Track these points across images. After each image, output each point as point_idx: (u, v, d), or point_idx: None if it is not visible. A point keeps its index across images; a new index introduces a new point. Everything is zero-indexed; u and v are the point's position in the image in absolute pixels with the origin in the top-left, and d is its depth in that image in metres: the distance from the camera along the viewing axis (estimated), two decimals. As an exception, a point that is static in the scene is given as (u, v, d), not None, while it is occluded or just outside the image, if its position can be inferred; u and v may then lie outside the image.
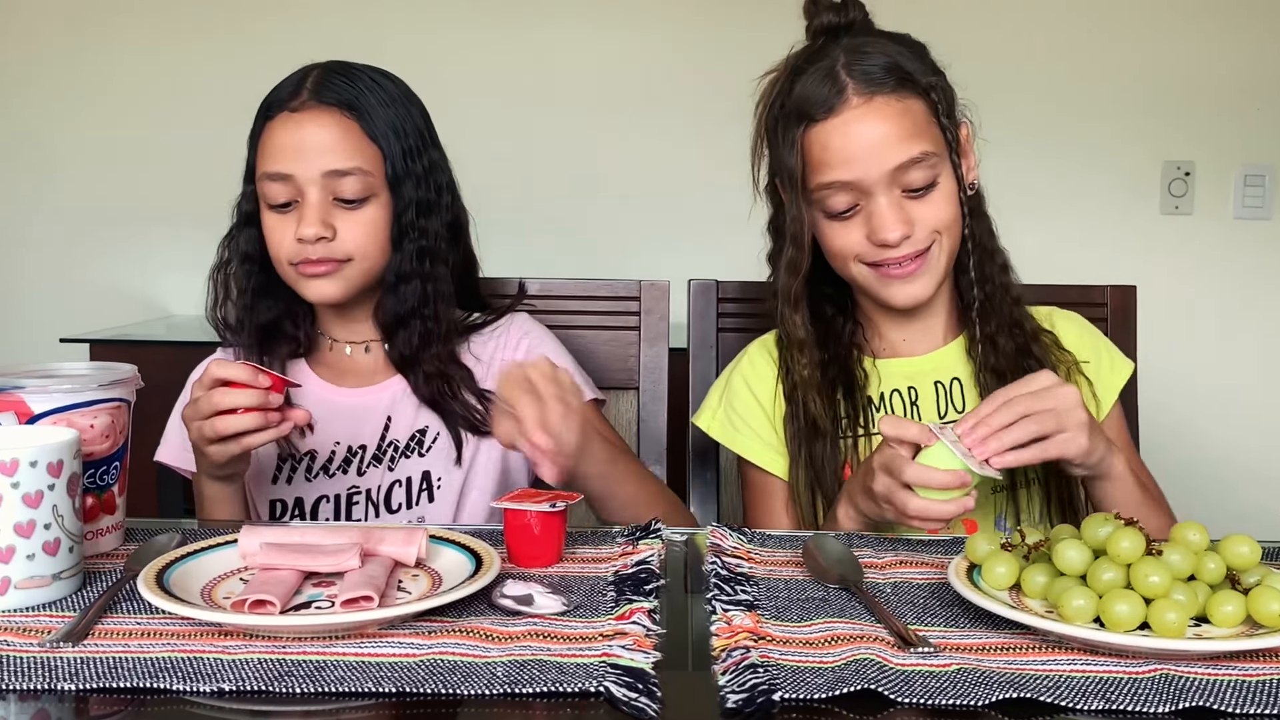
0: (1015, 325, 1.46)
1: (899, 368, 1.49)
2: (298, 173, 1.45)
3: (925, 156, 1.35)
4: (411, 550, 1.05)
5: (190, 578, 1.03)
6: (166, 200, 3.29)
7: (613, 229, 3.24)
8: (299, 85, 1.49)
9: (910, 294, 1.41)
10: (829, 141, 1.36)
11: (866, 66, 1.36)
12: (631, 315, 1.77)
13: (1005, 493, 1.42)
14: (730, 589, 1.05)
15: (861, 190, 1.36)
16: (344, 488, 1.52)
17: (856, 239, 1.39)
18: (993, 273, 1.46)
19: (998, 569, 1.01)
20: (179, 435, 1.54)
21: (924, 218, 1.37)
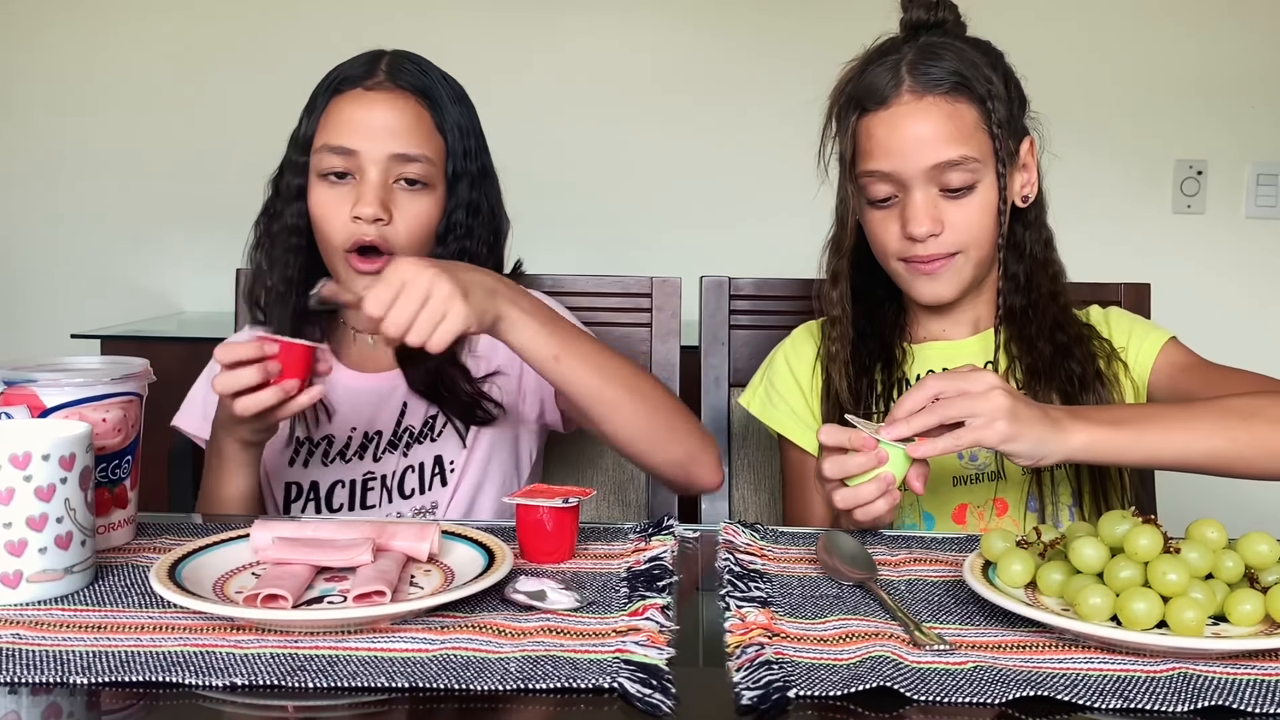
0: (1058, 328, 1.47)
1: (935, 350, 1.51)
2: (364, 150, 1.44)
3: (965, 160, 1.38)
4: (424, 545, 1.05)
5: (202, 572, 1.02)
6: (178, 196, 3.29)
7: (626, 224, 3.24)
8: (372, 65, 1.48)
9: (934, 292, 1.44)
10: (875, 131, 1.40)
11: (928, 66, 1.39)
12: (643, 312, 1.76)
13: (1031, 474, 1.43)
14: (744, 585, 1.04)
15: (900, 183, 1.39)
16: (359, 473, 1.52)
17: (894, 233, 1.42)
18: (1041, 282, 1.48)
19: (1014, 566, 1.00)
20: (201, 406, 1.55)
21: (955, 222, 1.40)
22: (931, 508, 1.45)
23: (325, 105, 1.48)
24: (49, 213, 3.32)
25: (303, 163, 1.48)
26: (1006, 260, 1.47)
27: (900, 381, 1.49)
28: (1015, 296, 1.48)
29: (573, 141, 3.23)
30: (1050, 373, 1.44)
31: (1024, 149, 1.46)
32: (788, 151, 3.17)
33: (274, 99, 3.22)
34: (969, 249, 1.42)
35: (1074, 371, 1.45)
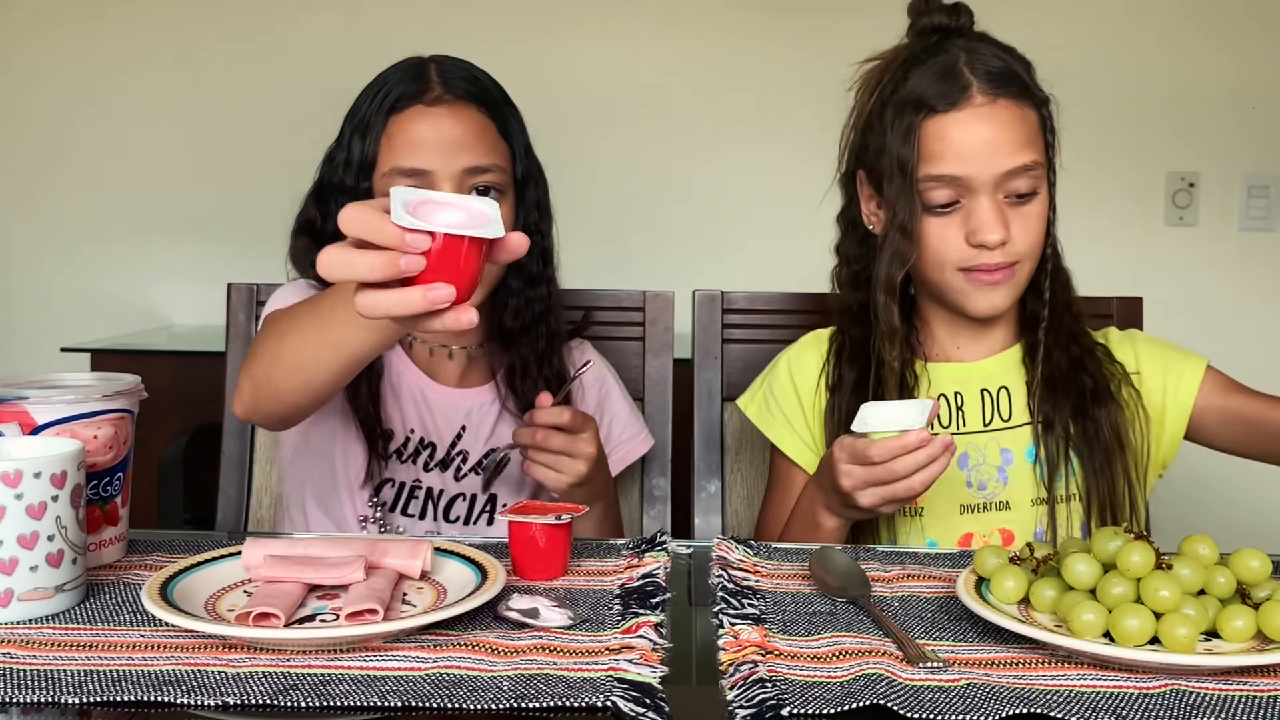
0: (1072, 340, 1.46)
1: (948, 372, 1.49)
2: (437, 169, 1.40)
3: (1034, 166, 1.36)
4: (416, 563, 1.04)
5: (194, 590, 1.02)
6: (168, 209, 3.29)
7: (619, 238, 3.24)
8: (423, 77, 1.44)
9: (992, 303, 1.41)
10: (947, 134, 1.36)
11: (990, 68, 1.36)
12: (636, 325, 1.76)
13: (1045, 506, 1.42)
14: (737, 602, 1.04)
15: (966, 188, 1.36)
16: (409, 478, 1.50)
17: (955, 242, 1.38)
18: (1055, 290, 1.46)
19: (1006, 583, 1.00)
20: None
21: (1018, 230, 1.37)
22: (936, 535, 1.43)
23: (384, 125, 1.43)
24: (38, 225, 3.32)
25: (366, 188, 1.43)
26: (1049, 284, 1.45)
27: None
28: (1034, 305, 1.46)
29: (567, 155, 3.22)
30: (1066, 386, 1.43)
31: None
32: (782, 167, 3.23)
33: (265, 113, 3.24)
34: (1027, 259, 1.39)
35: (1086, 385, 1.43)
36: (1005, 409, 1.46)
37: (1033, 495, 1.43)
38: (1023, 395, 1.46)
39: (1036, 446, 1.43)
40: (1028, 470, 1.43)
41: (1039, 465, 1.43)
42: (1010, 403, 1.46)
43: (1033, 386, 1.44)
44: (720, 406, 1.73)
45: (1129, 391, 1.46)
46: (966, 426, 1.46)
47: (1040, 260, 1.43)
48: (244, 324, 1.74)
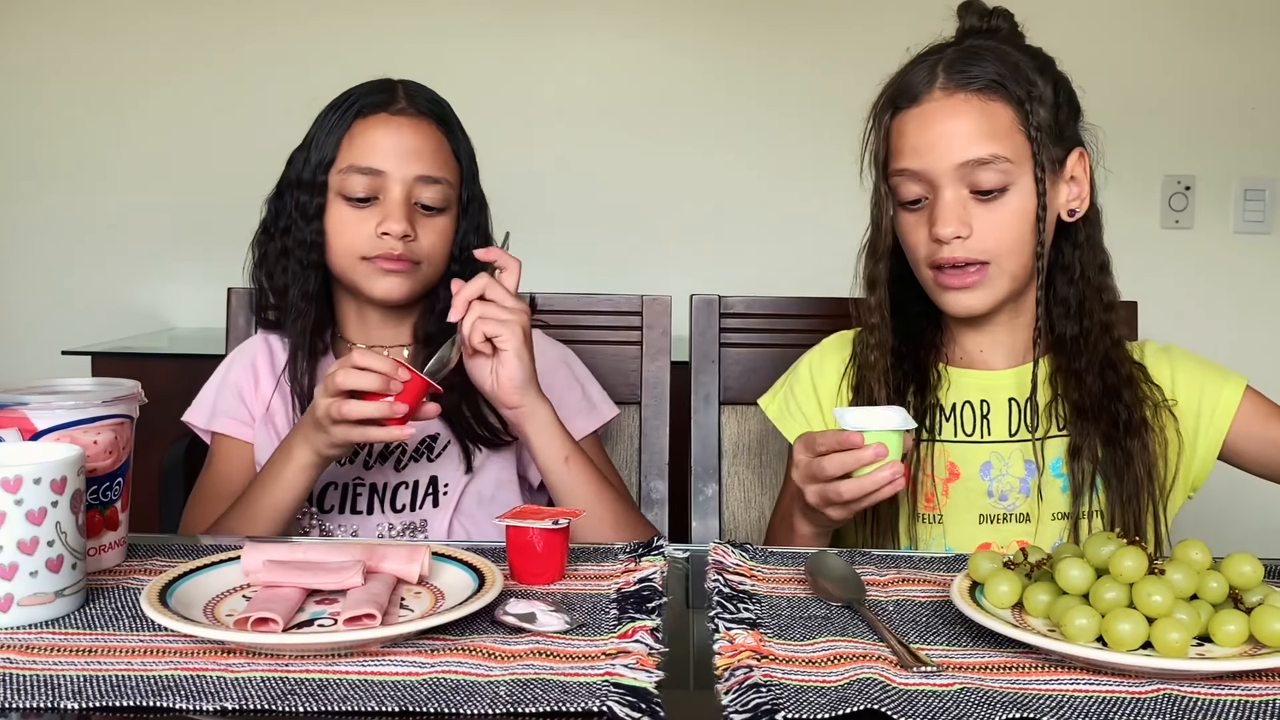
0: (1109, 366, 1.43)
1: (973, 379, 1.48)
2: (391, 170, 1.49)
3: (995, 159, 1.35)
4: (414, 568, 1.05)
5: (193, 594, 1.03)
6: (170, 212, 3.29)
7: (617, 242, 3.25)
8: (389, 91, 1.53)
9: (963, 304, 1.40)
10: (906, 128, 1.38)
11: (965, 65, 1.37)
12: (633, 330, 1.77)
13: (1068, 521, 1.40)
14: (733, 607, 1.05)
15: (930, 182, 1.37)
16: (349, 478, 1.53)
17: (922, 236, 1.39)
18: (1094, 309, 1.44)
19: (1000, 587, 1.01)
20: (212, 403, 1.59)
21: (984, 226, 1.36)
22: (955, 543, 1.42)
23: (348, 128, 1.51)
24: (40, 227, 3.32)
25: (321, 182, 1.51)
26: (1055, 282, 1.43)
27: (935, 407, 1.45)
28: (1066, 323, 1.43)
29: (566, 158, 3.24)
30: (1097, 414, 1.40)
31: (1072, 160, 1.42)
32: (780, 171, 3.23)
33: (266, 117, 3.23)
34: (1001, 258, 1.37)
35: (1119, 415, 1.40)
36: (1031, 420, 1.45)
37: (1054, 510, 1.41)
38: (1049, 411, 1.44)
39: (1060, 462, 1.42)
40: (1051, 485, 1.42)
41: (1063, 481, 1.41)
42: (1037, 415, 1.44)
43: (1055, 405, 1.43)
44: (717, 410, 1.74)
45: (1165, 415, 1.43)
46: (991, 435, 1.45)
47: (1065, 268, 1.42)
48: (244, 328, 1.75)
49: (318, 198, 1.51)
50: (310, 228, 1.51)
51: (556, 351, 1.64)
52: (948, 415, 1.46)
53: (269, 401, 1.56)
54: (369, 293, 1.52)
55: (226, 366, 1.62)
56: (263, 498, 1.41)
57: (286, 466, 1.39)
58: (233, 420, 1.57)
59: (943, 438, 1.45)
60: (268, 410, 1.56)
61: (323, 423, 1.32)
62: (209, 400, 1.60)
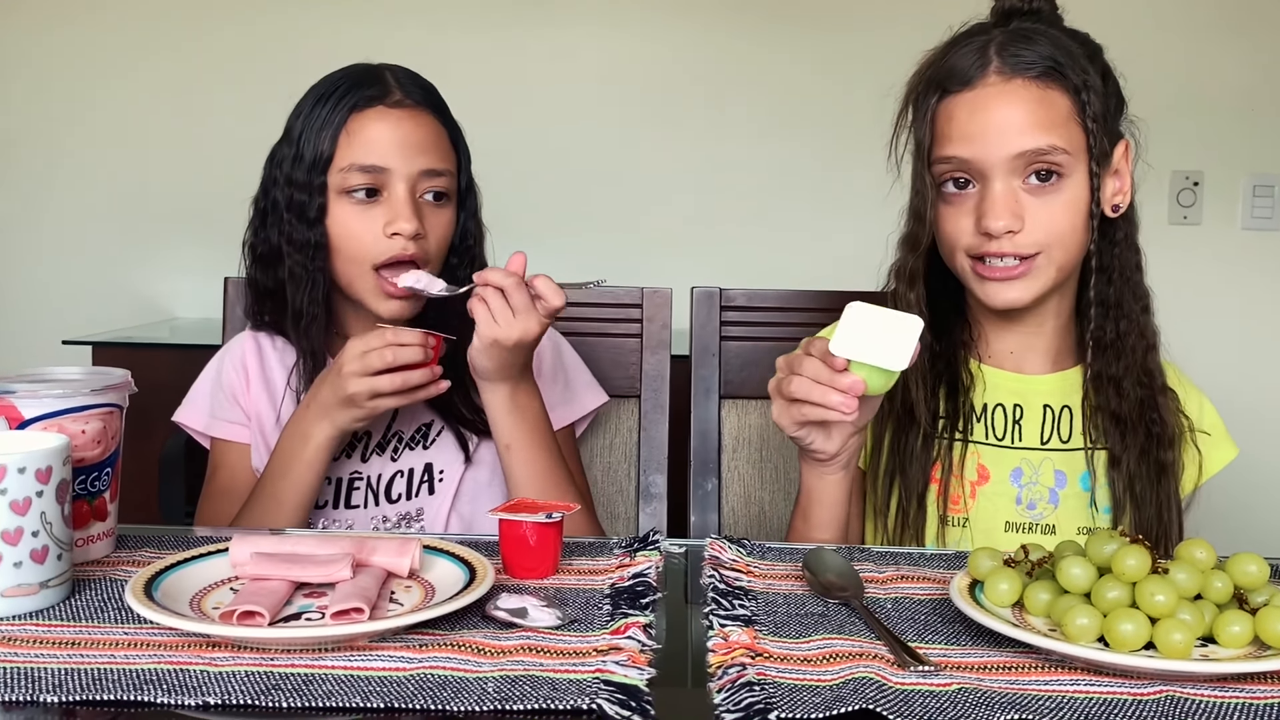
0: (1146, 373, 1.39)
1: (1008, 382, 1.43)
2: (396, 167, 1.44)
3: (1053, 150, 1.29)
4: (405, 561, 1.03)
5: (180, 586, 1.01)
6: (172, 201, 3.28)
7: (619, 234, 3.23)
8: (382, 81, 1.48)
9: (1005, 297, 1.34)
10: (956, 114, 1.32)
11: (1019, 49, 1.31)
12: (633, 322, 1.75)
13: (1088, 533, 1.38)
14: (728, 603, 1.03)
15: (979, 172, 1.31)
16: (346, 472, 1.51)
17: (965, 226, 1.33)
18: (1132, 311, 1.39)
19: (1000, 586, 0.99)
20: (207, 403, 1.56)
21: (1037, 219, 1.30)
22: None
23: (344, 122, 1.45)
24: (40, 217, 3.31)
25: (320, 184, 1.46)
26: (1095, 282, 1.37)
27: (966, 408, 1.40)
28: (1106, 326, 1.38)
29: (568, 150, 3.22)
30: (1135, 425, 1.36)
31: (1118, 153, 1.36)
32: (784, 163, 3.21)
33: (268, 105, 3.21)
34: (1051, 250, 1.31)
35: (1154, 429, 1.35)
36: (1065, 430, 1.41)
37: (1081, 523, 1.38)
38: (1085, 423, 1.40)
39: (1091, 475, 1.38)
40: (1080, 497, 1.39)
41: (1090, 495, 1.38)
42: (1071, 424, 1.41)
43: (1092, 418, 1.39)
44: (718, 404, 1.72)
45: (1190, 447, 1.41)
46: (1023, 441, 1.41)
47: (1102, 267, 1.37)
48: (241, 320, 1.73)
49: (318, 198, 1.45)
50: (314, 232, 1.46)
51: (549, 340, 1.62)
52: (978, 416, 1.42)
53: (259, 403, 1.54)
54: (374, 311, 1.47)
55: (217, 366, 1.59)
56: (285, 485, 1.40)
57: (305, 448, 1.39)
58: (232, 424, 1.54)
59: (974, 439, 1.41)
60: (259, 412, 1.54)
61: (357, 400, 1.34)
62: (203, 402, 1.57)
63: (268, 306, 1.53)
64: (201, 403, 1.57)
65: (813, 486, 1.30)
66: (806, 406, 1.17)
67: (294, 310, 1.49)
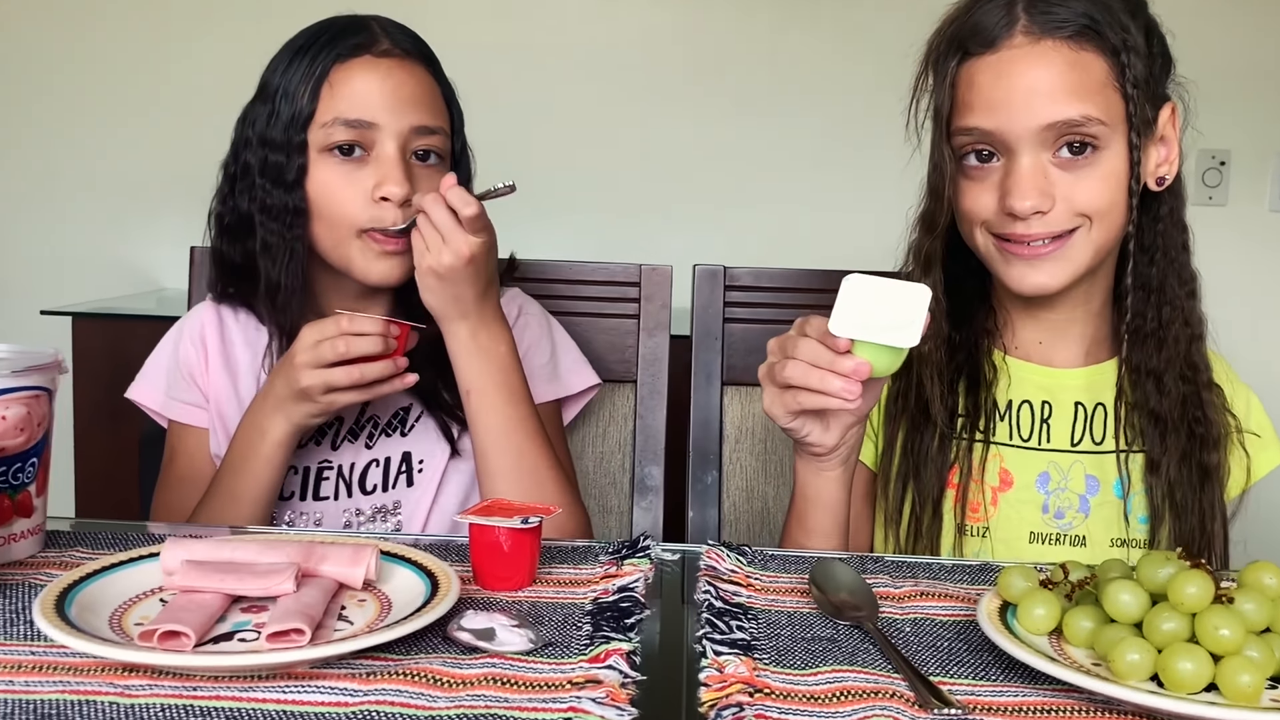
0: (1190, 366, 1.25)
1: (1036, 376, 1.30)
2: (384, 122, 1.30)
3: (1087, 121, 1.15)
4: (358, 571, 0.91)
5: (103, 595, 0.89)
6: (158, 168, 3.16)
7: (621, 210, 3.11)
8: (367, 29, 1.35)
9: (1035, 282, 1.20)
10: (977, 79, 1.17)
11: (1049, 5, 1.16)
12: (631, 302, 1.62)
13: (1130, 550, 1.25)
14: (724, 625, 0.90)
15: (1003, 145, 1.17)
16: (315, 461, 1.38)
17: (987, 202, 1.20)
18: (1177, 296, 1.25)
19: (1036, 611, 0.87)
20: (164, 380, 1.44)
21: (1070, 196, 1.17)
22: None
23: (326, 74, 1.31)
24: (22, 182, 3.19)
25: (300, 142, 1.32)
26: (1135, 264, 1.24)
27: (988, 405, 1.27)
28: (1146, 313, 1.24)
29: (566, 122, 3.10)
30: (1177, 425, 1.23)
31: (1164, 118, 1.22)
32: (790, 137, 3.08)
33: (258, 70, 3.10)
34: (1091, 223, 1.18)
35: (1197, 429, 1.22)
36: (1099, 430, 1.28)
37: (1114, 534, 1.25)
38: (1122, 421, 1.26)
39: (1126, 481, 1.25)
40: (1113, 505, 1.26)
41: (1126, 503, 1.25)
42: (1105, 424, 1.28)
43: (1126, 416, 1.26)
44: (720, 391, 1.60)
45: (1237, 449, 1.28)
46: (1051, 443, 1.28)
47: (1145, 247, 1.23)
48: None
49: (297, 159, 1.32)
50: (292, 196, 1.32)
51: (537, 315, 1.50)
52: (1001, 414, 1.29)
53: (218, 383, 1.41)
54: (363, 275, 1.34)
55: (174, 341, 1.45)
56: (241, 482, 1.28)
57: (262, 444, 1.27)
58: (189, 407, 1.42)
59: (997, 439, 1.28)
60: (218, 393, 1.41)
61: (310, 394, 1.22)
62: (159, 380, 1.44)
63: (235, 282, 1.40)
64: (157, 379, 1.45)
65: (809, 484, 1.18)
66: (803, 394, 1.04)
67: (268, 285, 1.35)
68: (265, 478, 1.28)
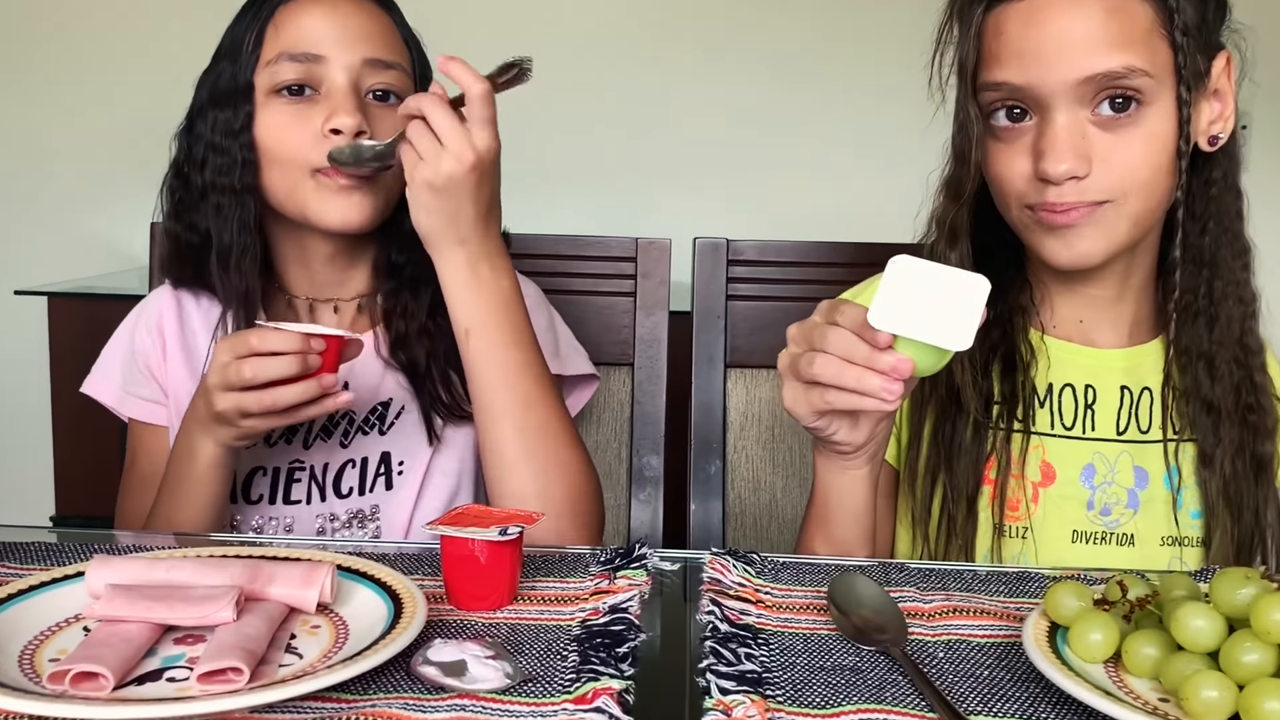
0: (1243, 348, 1.13)
1: (1077, 357, 1.17)
2: (332, 55, 1.20)
3: (1130, 73, 1.02)
4: (310, 594, 0.80)
5: (22, 622, 0.78)
6: (140, 141, 3.02)
7: (619, 182, 2.98)
8: None
9: (1071, 254, 1.07)
10: (1006, 27, 1.05)
11: None
12: (627, 279, 1.51)
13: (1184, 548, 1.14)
14: (731, 654, 0.79)
15: (1036, 102, 1.06)
16: (285, 461, 1.26)
17: (1020, 170, 1.08)
18: (1230, 270, 1.13)
19: (1091, 635, 0.75)
20: (120, 372, 1.31)
21: (1109, 161, 1.05)
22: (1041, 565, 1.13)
23: (271, 15, 1.22)
24: None
25: (246, 85, 1.21)
26: (1185, 232, 1.11)
27: (1026, 390, 1.16)
28: (1198, 288, 1.13)
29: (558, 90, 2.96)
30: (1231, 412, 1.11)
31: (1217, 69, 1.10)
32: (794, 106, 2.95)
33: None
34: (1127, 197, 1.06)
35: (1250, 418, 1.10)
36: (1146, 416, 1.16)
37: (1165, 532, 1.14)
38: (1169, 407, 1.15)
39: (1176, 474, 1.14)
40: (1164, 500, 1.14)
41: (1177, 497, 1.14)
42: (1152, 410, 1.16)
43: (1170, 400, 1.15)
44: (723, 374, 1.48)
45: None
46: (1095, 431, 1.16)
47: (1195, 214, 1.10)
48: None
49: (244, 106, 1.21)
50: (238, 143, 1.21)
51: (535, 299, 1.36)
52: (1042, 400, 1.17)
53: (177, 376, 1.29)
54: (319, 219, 1.21)
55: (130, 330, 1.33)
56: (180, 500, 1.16)
57: (193, 465, 1.14)
58: (148, 404, 1.30)
59: (1038, 429, 1.16)
60: (176, 387, 1.29)
61: (227, 418, 1.08)
62: (114, 372, 1.33)
63: (190, 262, 1.28)
64: (112, 371, 1.33)
65: (831, 486, 1.06)
66: (833, 392, 0.92)
67: (220, 249, 1.23)
68: (201, 502, 1.15)
